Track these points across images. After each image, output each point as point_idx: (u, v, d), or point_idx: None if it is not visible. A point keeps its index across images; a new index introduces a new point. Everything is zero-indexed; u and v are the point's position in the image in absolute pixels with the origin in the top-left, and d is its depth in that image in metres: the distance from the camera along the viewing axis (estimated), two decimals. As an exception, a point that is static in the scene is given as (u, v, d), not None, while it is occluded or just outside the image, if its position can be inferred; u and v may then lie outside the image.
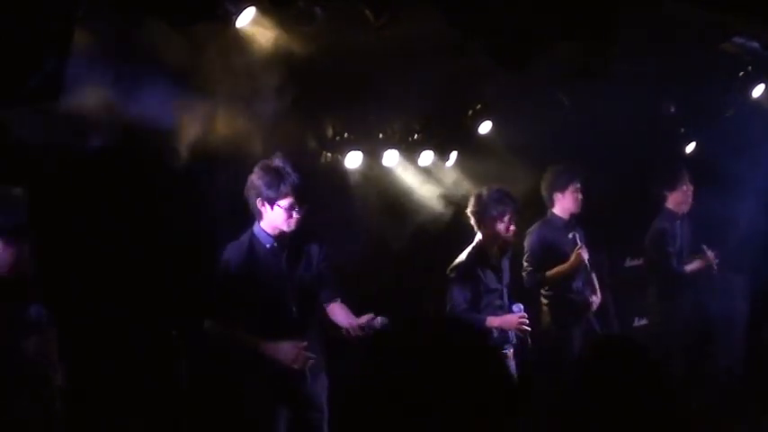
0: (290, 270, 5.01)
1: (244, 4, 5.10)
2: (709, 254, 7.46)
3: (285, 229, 4.92)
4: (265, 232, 4.98)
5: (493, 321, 5.92)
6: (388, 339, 1.89)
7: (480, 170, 7.30)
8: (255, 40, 5.32)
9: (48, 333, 4.02)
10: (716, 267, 7.50)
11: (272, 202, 4.88)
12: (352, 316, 4.99)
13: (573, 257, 6.70)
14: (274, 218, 4.91)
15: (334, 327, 5.13)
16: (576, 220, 6.99)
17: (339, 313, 5.10)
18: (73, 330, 4.58)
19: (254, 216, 4.99)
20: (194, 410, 5.29)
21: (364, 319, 4.87)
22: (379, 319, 4.82)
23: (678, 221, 7.67)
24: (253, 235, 4.99)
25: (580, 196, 6.90)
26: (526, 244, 6.87)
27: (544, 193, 7.01)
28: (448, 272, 6.04)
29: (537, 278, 6.78)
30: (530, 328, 5.94)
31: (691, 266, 7.53)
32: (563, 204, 6.92)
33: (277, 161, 4.91)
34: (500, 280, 6.04)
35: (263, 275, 4.94)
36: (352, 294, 5.42)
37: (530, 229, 6.92)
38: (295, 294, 4.99)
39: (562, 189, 6.91)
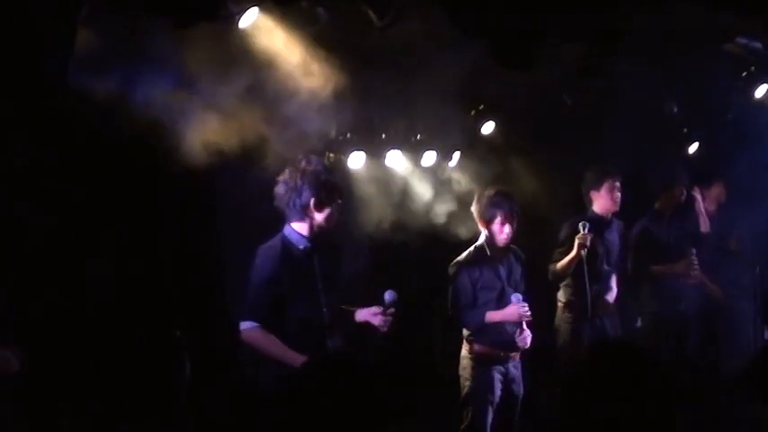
0: (321, 272, 5.02)
1: (247, 5, 5.09)
2: (691, 258, 7.33)
3: (330, 225, 5.01)
4: (298, 233, 4.96)
5: (493, 316, 5.94)
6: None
7: (483, 171, 7.29)
8: (258, 41, 5.31)
9: None
10: (696, 271, 7.33)
11: (325, 204, 4.94)
12: (369, 309, 5.16)
13: (574, 248, 6.55)
14: (323, 218, 4.95)
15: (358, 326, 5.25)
16: (615, 218, 6.96)
17: (358, 313, 5.21)
18: (73, 330, 4.58)
19: (286, 219, 4.98)
20: (197, 413, 5.28)
21: (378, 308, 5.09)
22: (386, 294, 5.08)
23: (665, 222, 7.63)
24: (284, 237, 4.98)
25: (618, 193, 6.84)
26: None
27: (583, 193, 6.97)
28: (449, 269, 6.09)
29: (550, 270, 6.76)
30: (529, 317, 5.90)
31: (658, 268, 7.44)
32: (600, 202, 6.87)
33: (315, 163, 4.96)
34: (500, 278, 6.03)
35: (299, 277, 4.94)
36: (357, 295, 5.47)
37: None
38: (326, 296, 5.00)
39: (597, 186, 6.86)
